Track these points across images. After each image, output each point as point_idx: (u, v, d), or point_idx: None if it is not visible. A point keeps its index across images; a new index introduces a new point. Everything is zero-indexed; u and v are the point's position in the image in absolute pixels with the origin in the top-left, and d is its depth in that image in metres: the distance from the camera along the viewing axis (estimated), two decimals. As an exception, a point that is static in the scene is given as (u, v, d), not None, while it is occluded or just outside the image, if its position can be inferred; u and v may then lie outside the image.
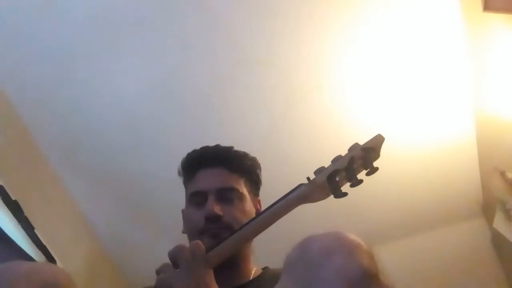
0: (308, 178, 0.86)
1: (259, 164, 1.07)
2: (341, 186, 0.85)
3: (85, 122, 1.85)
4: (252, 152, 1.07)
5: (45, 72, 1.69)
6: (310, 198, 0.86)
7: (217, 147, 1.05)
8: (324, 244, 0.57)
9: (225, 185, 0.98)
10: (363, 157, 0.85)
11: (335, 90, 1.84)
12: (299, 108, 1.85)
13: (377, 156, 0.88)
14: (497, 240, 2.11)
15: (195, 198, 0.99)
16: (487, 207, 2.18)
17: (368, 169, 0.86)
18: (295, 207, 0.86)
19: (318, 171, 0.85)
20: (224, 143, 1.08)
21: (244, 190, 1.00)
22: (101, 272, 2.10)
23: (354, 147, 0.86)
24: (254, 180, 1.05)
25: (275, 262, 0.72)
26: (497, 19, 1.42)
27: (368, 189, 2.10)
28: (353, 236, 0.58)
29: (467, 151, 2.03)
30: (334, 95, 1.85)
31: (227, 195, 0.97)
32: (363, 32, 1.70)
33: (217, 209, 0.94)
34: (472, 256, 2.19)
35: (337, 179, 0.84)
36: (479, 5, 1.43)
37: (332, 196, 0.86)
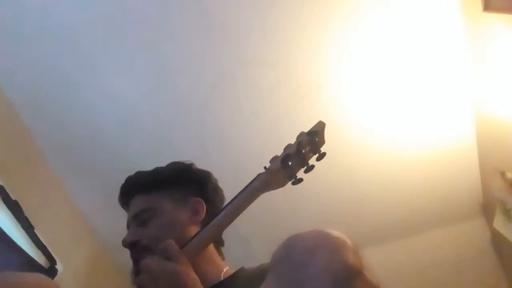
0: (264, 167, 0.91)
1: (189, 166, 1.09)
2: (296, 172, 0.90)
3: (85, 122, 1.85)
4: (252, 152, 1.08)
5: (45, 72, 1.70)
6: (270, 185, 0.90)
7: (131, 178, 1.09)
8: (308, 242, 0.57)
9: (137, 210, 1.02)
10: (310, 142, 0.91)
11: (335, 90, 1.84)
12: (299, 108, 1.85)
13: (322, 140, 0.94)
14: (497, 240, 2.12)
15: None
16: (487, 207, 2.18)
17: (317, 154, 0.92)
18: (258, 195, 0.90)
19: (273, 159, 0.91)
20: (224, 143, 1.09)
21: (163, 204, 1.02)
22: (102, 272, 2.10)
23: (301, 134, 0.92)
24: (180, 186, 1.06)
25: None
26: (497, 19, 1.42)
27: (368, 189, 2.12)
28: (337, 233, 0.59)
29: (467, 151, 2.03)
30: (334, 95, 1.85)
31: (142, 218, 1.00)
32: (363, 32, 1.70)
33: (130, 236, 0.98)
34: (472, 256, 2.19)
35: (290, 164, 0.89)
36: (479, 5, 1.43)
37: (290, 183, 0.91)
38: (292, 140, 0.92)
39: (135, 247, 0.96)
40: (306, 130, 0.93)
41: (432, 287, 2.19)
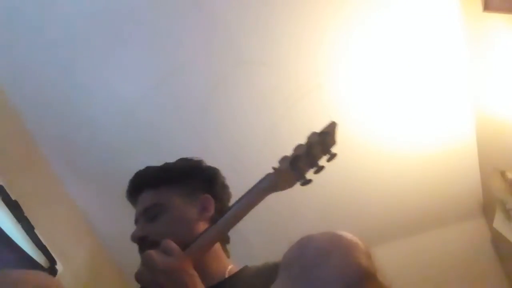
0: (273, 167, 0.89)
1: (199, 162, 1.09)
2: (305, 173, 0.89)
3: (85, 123, 1.85)
4: (252, 152, 1.08)
5: (45, 72, 1.70)
6: (278, 186, 0.89)
7: (140, 173, 1.08)
8: (321, 244, 0.57)
9: (145, 205, 1.02)
10: (321, 142, 0.89)
11: (335, 90, 1.84)
12: (299, 108, 1.85)
13: (333, 141, 0.92)
14: (497, 240, 2.12)
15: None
16: (487, 207, 2.18)
17: (328, 155, 0.90)
18: (266, 196, 0.89)
19: (282, 160, 0.89)
20: (224, 143, 1.08)
21: (172, 199, 1.02)
22: (102, 272, 2.10)
23: (312, 135, 0.90)
24: (189, 182, 1.06)
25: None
26: (497, 19, 1.42)
27: (368, 188, 2.12)
28: (350, 236, 0.59)
29: (467, 151, 2.03)
30: (334, 95, 1.85)
31: (151, 214, 1.00)
32: (363, 32, 1.71)
33: (139, 231, 0.98)
34: (472, 256, 2.19)
35: (300, 165, 0.88)
36: (479, 5, 1.43)
37: (298, 184, 0.89)
38: (292, 140, 0.91)
39: (144, 242, 0.96)
40: (307, 130, 0.92)
41: (432, 286, 2.19)
